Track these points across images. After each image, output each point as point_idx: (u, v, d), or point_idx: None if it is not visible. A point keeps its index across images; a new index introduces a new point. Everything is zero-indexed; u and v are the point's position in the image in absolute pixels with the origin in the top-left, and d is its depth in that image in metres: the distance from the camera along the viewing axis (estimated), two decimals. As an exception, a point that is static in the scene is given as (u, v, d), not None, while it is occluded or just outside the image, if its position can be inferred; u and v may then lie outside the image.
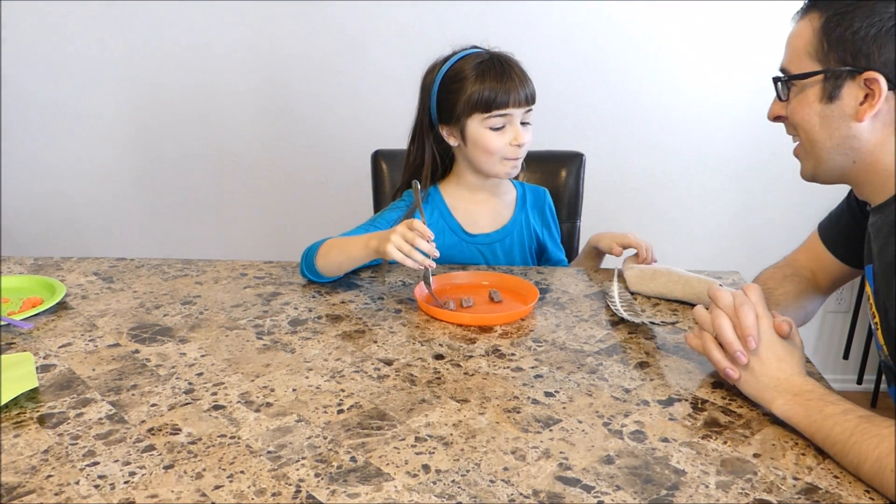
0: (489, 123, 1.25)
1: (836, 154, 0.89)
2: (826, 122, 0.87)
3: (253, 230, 2.26)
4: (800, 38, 0.88)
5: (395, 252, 1.05)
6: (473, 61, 1.26)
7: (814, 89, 0.87)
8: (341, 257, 1.17)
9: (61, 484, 0.69)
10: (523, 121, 1.28)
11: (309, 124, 2.12)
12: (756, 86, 2.04)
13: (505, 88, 1.23)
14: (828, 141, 0.88)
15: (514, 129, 1.26)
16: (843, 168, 0.91)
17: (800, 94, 0.89)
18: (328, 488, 0.69)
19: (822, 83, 0.86)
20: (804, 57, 0.87)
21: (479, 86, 1.23)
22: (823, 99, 0.87)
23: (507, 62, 1.26)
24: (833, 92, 0.85)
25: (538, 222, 1.43)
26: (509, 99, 1.23)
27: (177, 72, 2.08)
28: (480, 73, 1.24)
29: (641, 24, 2.01)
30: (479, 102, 1.23)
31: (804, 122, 0.89)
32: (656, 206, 2.19)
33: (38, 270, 1.28)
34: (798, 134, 0.93)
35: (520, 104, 1.24)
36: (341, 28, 2.03)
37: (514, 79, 1.24)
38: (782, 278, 1.11)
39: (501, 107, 1.23)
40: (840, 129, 0.87)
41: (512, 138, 1.26)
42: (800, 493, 0.69)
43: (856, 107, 0.85)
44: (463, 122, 1.26)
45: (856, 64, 0.83)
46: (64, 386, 0.87)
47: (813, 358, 2.29)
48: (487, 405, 0.84)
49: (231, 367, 0.93)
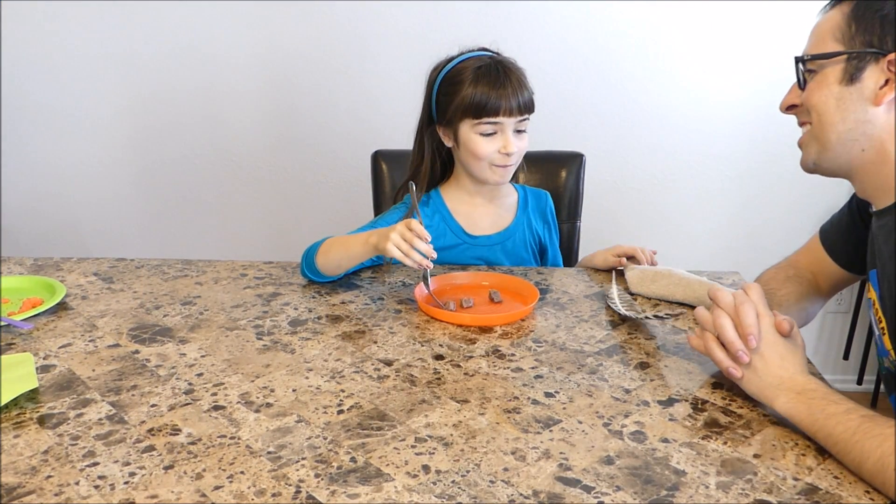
0: (479, 129, 1.24)
1: (846, 139, 0.88)
2: (842, 105, 0.86)
3: (253, 231, 2.26)
4: (827, 23, 0.87)
5: (394, 249, 1.06)
6: (474, 64, 1.25)
7: (834, 70, 0.86)
8: (341, 255, 1.17)
9: (61, 484, 0.69)
10: (518, 129, 1.26)
11: (309, 124, 2.12)
12: (756, 86, 2.05)
13: (497, 95, 1.21)
14: (840, 124, 0.87)
15: (504, 137, 1.25)
16: (850, 156, 0.89)
17: (819, 77, 0.88)
18: (328, 489, 0.68)
19: (844, 64, 0.85)
20: (828, 40, 0.86)
21: (473, 90, 1.22)
22: (844, 80, 0.85)
23: (506, 69, 1.24)
24: (854, 74, 0.85)
25: (540, 224, 1.43)
26: (500, 107, 1.22)
27: (177, 72, 2.08)
28: (477, 77, 1.23)
29: (642, 24, 2.01)
30: (471, 107, 1.22)
31: (820, 103, 0.88)
32: (656, 207, 2.19)
33: (38, 271, 1.28)
34: (809, 119, 0.91)
35: (511, 113, 1.23)
36: (341, 28, 2.03)
37: (509, 87, 1.22)
38: (785, 279, 1.11)
39: (491, 114, 1.22)
40: (856, 112, 0.86)
41: (501, 146, 1.25)
42: (800, 493, 0.69)
43: (875, 90, 0.84)
44: (456, 125, 1.26)
45: (882, 46, 0.82)
46: (64, 386, 0.87)
47: (813, 359, 2.28)
48: (487, 406, 0.84)
49: (231, 367, 0.93)
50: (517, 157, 1.28)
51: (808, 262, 1.13)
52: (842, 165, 0.91)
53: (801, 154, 0.95)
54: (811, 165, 0.94)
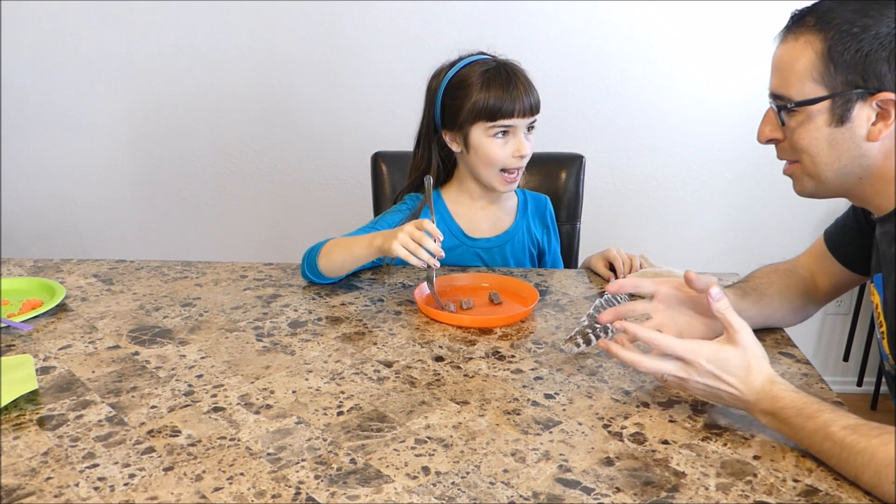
0: (493, 132, 1.24)
1: (842, 174, 0.87)
2: (835, 145, 0.85)
3: (253, 232, 2.26)
4: (799, 62, 0.84)
5: (400, 249, 1.05)
6: (480, 68, 1.24)
7: (821, 113, 0.84)
8: (344, 256, 1.17)
9: (61, 486, 0.69)
10: (528, 128, 1.27)
11: (308, 126, 2.12)
12: (756, 88, 2.03)
13: (511, 97, 1.22)
14: (836, 163, 0.86)
15: (517, 139, 1.25)
16: (848, 185, 0.88)
17: (806, 120, 0.85)
18: (328, 490, 0.68)
19: (830, 107, 0.83)
20: (807, 81, 0.83)
21: (485, 94, 1.22)
22: (833, 123, 0.83)
23: (513, 71, 1.25)
24: (843, 115, 0.82)
25: (539, 229, 1.43)
26: (514, 108, 1.22)
27: (177, 73, 2.08)
28: (486, 80, 1.23)
29: (642, 25, 2.01)
30: (484, 111, 1.22)
31: (811, 146, 0.86)
32: (656, 209, 2.19)
33: (37, 272, 1.28)
34: (795, 157, 0.90)
35: (524, 114, 1.23)
36: (341, 30, 2.03)
37: (520, 88, 1.23)
38: (771, 271, 1.11)
39: (506, 116, 1.22)
40: (850, 150, 0.84)
41: (514, 149, 1.25)
42: (800, 495, 0.69)
43: (868, 127, 0.82)
44: (467, 130, 1.26)
45: (867, 86, 0.80)
46: (63, 388, 0.87)
47: (813, 360, 2.29)
48: (487, 407, 0.84)
49: (231, 369, 0.93)
50: (526, 160, 1.28)
51: (808, 261, 1.13)
52: (838, 191, 0.91)
53: (794, 184, 0.94)
54: (808, 195, 0.93)
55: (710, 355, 0.79)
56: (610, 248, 1.32)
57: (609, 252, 1.31)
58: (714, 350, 0.79)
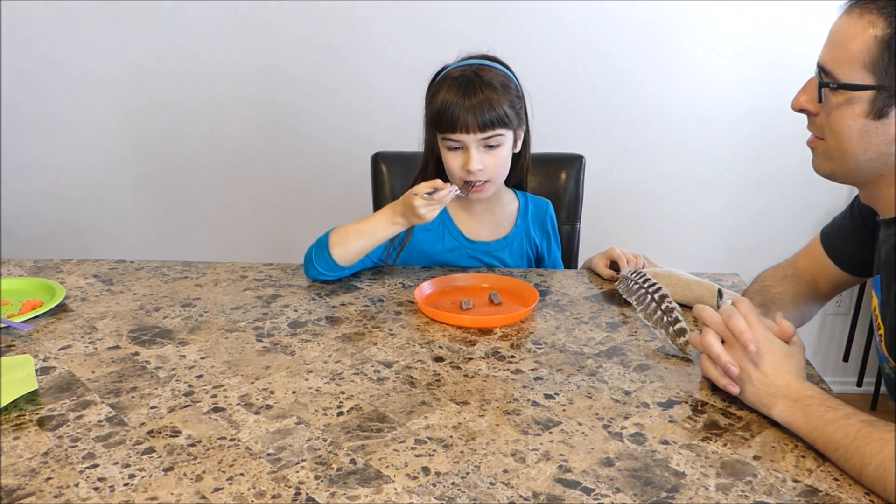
0: (445, 143, 1.23)
1: (865, 167, 0.86)
2: (866, 137, 0.83)
3: (252, 232, 2.26)
4: (855, 42, 0.80)
5: (430, 213, 1.13)
6: (454, 74, 1.22)
7: (862, 102, 0.81)
8: (363, 240, 1.18)
9: (61, 486, 0.69)
10: (489, 144, 1.21)
11: (309, 126, 2.13)
12: (756, 89, 2.05)
13: (460, 109, 1.16)
14: (861, 155, 0.84)
15: (467, 154, 1.21)
16: (867, 178, 0.88)
17: (845, 103, 0.83)
18: (328, 490, 0.69)
19: (873, 98, 0.80)
20: (857, 66, 0.80)
21: (440, 102, 1.19)
22: (871, 114, 0.81)
23: (477, 83, 1.18)
24: (883, 109, 0.80)
25: (538, 234, 1.42)
26: (457, 124, 1.17)
27: (177, 73, 2.08)
28: (447, 89, 1.19)
29: (642, 26, 2.01)
30: (434, 119, 1.21)
31: (842, 131, 0.84)
32: (656, 209, 2.19)
33: (37, 272, 1.28)
34: (826, 136, 0.87)
35: (469, 130, 1.18)
36: (341, 30, 2.03)
37: (475, 101, 1.16)
38: (782, 278, 1.11)
39: (451, 130, 1.19)
40: (878, 146, 0.83)
41: (464, 163, 1.21)
42: (800, 495, 0.69)
43: None
44: (433, 133, 1.26)
45: None
46: (63, 388, 0.87)
47: (813, 360, 2.29)
48: (487, 407, 0.84)
49: (231, 369, 0.93)
50: (489, 174, 1.23)
51: (807, 263, 1.14)
52: (855, 181, 0.90)
53: (814, 158, 0.92)
54: (823, 175, 0.92)
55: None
56: (613, 248, 1.31)
57: (612, 251, 1.31)
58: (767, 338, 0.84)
